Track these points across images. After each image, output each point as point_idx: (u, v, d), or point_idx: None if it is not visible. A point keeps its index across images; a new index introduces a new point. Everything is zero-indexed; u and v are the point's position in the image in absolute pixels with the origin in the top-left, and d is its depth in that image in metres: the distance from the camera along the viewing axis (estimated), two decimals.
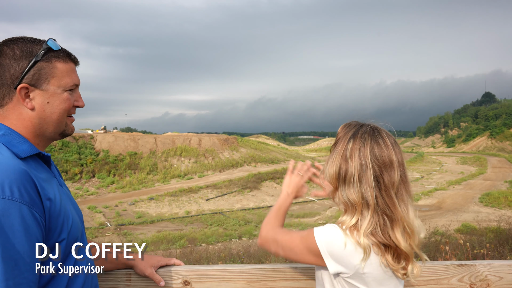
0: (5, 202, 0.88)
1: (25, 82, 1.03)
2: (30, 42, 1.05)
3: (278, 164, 41.49)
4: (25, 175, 0.94)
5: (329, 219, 22.91)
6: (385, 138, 1.06)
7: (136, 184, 32.64)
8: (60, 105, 1.08)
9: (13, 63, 1.02)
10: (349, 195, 1.05)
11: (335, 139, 1.18)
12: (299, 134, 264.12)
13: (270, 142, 74.93)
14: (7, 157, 0.96)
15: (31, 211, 0.92)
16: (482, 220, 20.64)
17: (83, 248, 1.09)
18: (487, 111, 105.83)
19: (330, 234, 1.06)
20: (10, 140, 1.02)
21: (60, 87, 1.08)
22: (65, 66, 1.09)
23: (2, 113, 1.05)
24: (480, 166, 55.12)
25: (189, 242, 16.35)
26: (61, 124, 1.10)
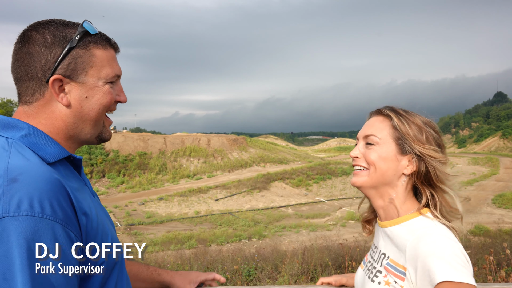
0: (34, 221, 0.69)
1: (59, 73, 0.85)
2: (63, 26, 0.86)
3: (287, 164, 41.32)
4: (58, 186, 0.76)
5: (339, 220, 22.68)
6: None
7: (146, 184, 32.76)
8: (100, 99, 0.90)
9: (44, 51, 0.84)
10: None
11: (344, 139, 1.11)
12: (308, 134, 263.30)
13: (278, 142, 74.77)
14: (35, 163, 0.78)
15: (65, 231, 0.74)
16: (495, 222, 20.27)
17: (123, 269, 0.92)
18: (499, 111, 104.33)
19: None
20: (35, 142, 0.83)
21: (101, 79, 0.89)
22: (105, 53, 0.90)
23: (29, 111, 0.87)
24: (492, 166, 54.27)
25: (199, 243, 16.31)
26: (99, 123, 0.93)
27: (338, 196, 30.49)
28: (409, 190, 1.04)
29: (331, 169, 37.69)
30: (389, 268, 1.00)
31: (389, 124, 1.05)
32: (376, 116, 1.10)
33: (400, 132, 1.03)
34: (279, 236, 18.04)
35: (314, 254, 6.13)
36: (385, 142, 1.03)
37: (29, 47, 0.85)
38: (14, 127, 0.84)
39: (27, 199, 0.70)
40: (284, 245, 12.80)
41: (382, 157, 1.02)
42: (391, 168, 1.02)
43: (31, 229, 0.69)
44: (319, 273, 5.70)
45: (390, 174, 1.02)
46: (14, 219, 0.68)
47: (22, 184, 0.72)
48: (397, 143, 1.02)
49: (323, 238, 10.97)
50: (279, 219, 23.10)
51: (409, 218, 1.01)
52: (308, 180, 34.12)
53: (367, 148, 1.06)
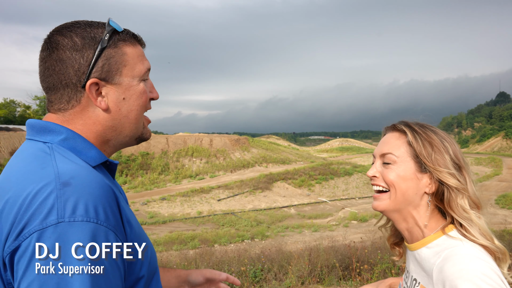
0: (90, 227, 0.67)
1: (94, 77, 0.81)
2: (89, 26, 0.82)
3: (289, 164, 41.29)
4: (110, 192, 0.73)
5: (342, 220, 22.65)
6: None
7: (148, 184, 32.79)
8: (138, 100, 0.87)
9: (76, 55, 0.80)
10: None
11: (346, 139, 1.06)
12: (310, 134, 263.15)
13: (280, 143, 74.71)
14: (84, 166, 0.75)
15: (116, 239, 0.71)
16: (499, 222, 20.20)
17: (159, 281, 0.88)
18: (502, 111, 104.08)
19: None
20: (75, 146, 0.80)
21: (135, 77, 0.86)
22: (135, 50, 0.87)
23: (63, 117, 0.83)
24: (495, 167, 54.12)
25: (201, 243, 16.31)
26: (139, 124, 0.90)
27: (341, 196, 30.45)
28: (433, 208, 0.99)
29: (334, 169, 37.63)
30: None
31: (405, 141, 1.00)
32: (391, 132, 1.05)
33: (415, 150, 0.98)
34: (282, 237, 18.02)
35: (320, 255, 6.11)
36: (403, 160, 0.98)
37: (58, 53, 0.80)
38: (51, 131, 0.80)
39: (82, 203, 0.68)
40: (288, 245, 12.78)
41: (401, 176, 0.97)
42: (412, 187, 0.97)
43: (90, 234, 0.67)
44: (326, 274, 5.67)
45: (411, 194, 0.97)
46: (70, 224, 0.65)
47: (75, 188, 0.69)
48: (416, 160, 0.97)
49: (328, 239, 10.95)
50: (282, 219, 23.08)
51: (434, 238, 0.96)
52: (311, 180, 34.08)
53: (384, 167, 1.01)
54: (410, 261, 1.03)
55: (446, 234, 0.94)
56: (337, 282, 5.46)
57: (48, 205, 0.66)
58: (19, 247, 0.65)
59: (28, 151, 0.79)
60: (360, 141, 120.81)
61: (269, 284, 5.42)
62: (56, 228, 0.65)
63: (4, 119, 55.01)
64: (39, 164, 0.73)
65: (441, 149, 0.96)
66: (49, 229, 0.65)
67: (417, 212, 0.98)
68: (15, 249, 0.66)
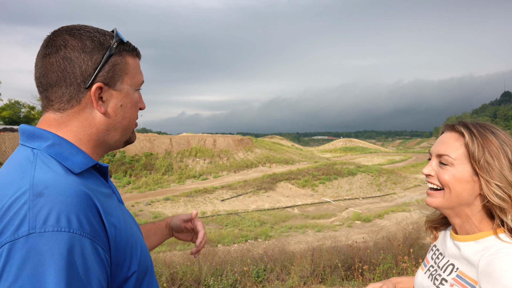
0: (61, 236, 0.67)
1: (99, 81, 0.84)
2: (97, 32, 0.87)
3: (293, 164, 41.26)
4: (86, 199, 0.74)
5: (346, 220, 22.61)
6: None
7: (152, 184, 32.88)
8: (132, 108, 0.91)
9: (85, 56, 0.83)
10: None
11: (349, 139, 1.08)
12: (313, 134, 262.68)
13: (284, 143, 74.64)
14: (61, 175, 0.76)
15: (93, 246, 0.72)
16: None
17: (153, 277, 0.92)
18: (507, 111, 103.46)
19: None
20: (61, 152, 0.81)
21: (133, 86, 0.91)
22: (135, 61, 0.93)
23: (61, 118, 0.85)
24: None
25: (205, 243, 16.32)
26: (129, 130, 0.94)
27: (344, 197, 30.39)
28: (487, 209, 1.01)
29: (337, 170, 37.56)
30: (458, 279, 0.99)
31: (463, 143, 1.01)
32: (450, 132, 1.06)
33: (472, 154, 0.98)
34: (285, 237, 18.02)
35: (323, 255, 6.11)
36: (459, 163, 1.00)
37: (66, 52, 0.82)
38: (39, 137, 0.82)
39: (54, 213, 0.68)
40: (291, 245, 12.77)
41: (456, 178, 0.99)
42: (466, 190, 0.99)
43: (62, 244, 0.67)
44: (328, 274, 5.68)
45: (466, 195, 0.99)
46: (41, 235, 0.66)
47: (48, 198, 0.70)
48: (474, 165, 0.98)
49: (331, 239, 10.94)
50: (285, 220, 23.07)
51: (485, 236, 0.99)
52: (314, 181, 34.04)
53: (440, 168, 1.03)
54: (449, 247, 1.07)
55: (496, 235, 0.96)
56: (339, 282, 5.46)
57: (20, 216, 0.67)
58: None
59: (17, 158, 0.81)
60: (364, 141, 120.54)
61: (272, 284, 5.43)
62: (28, 239, 0.66)
63: (9, 119, 55.35)
64: (19, 173, 0.75)
65: (500, 153, 0.96)
66: (20, 240, 0.65)
67: (471, 211, 1.01)
68: None
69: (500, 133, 1.00)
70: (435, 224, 1.17)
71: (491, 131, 1.00)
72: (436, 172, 1.04)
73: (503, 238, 0.95)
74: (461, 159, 1.00)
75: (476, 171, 0.98)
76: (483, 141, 0.98)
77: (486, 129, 1.01)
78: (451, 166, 1.01)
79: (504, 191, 0.95)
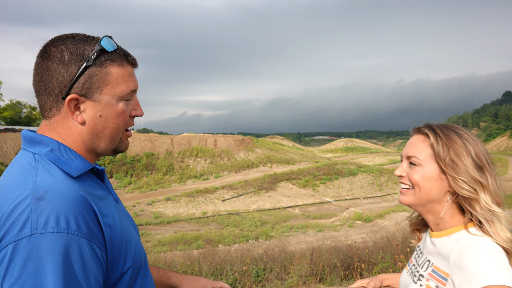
0: (60, 237, 0.73)
1: (74, 92, 0.86)
2: (82, 42, 0.87)
3: (293, 164, 41.27)
4: (83, 202, 0.79)
5: (346, 220, 22.62)
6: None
7: (153, 184, 32.92)
8: (114, 118, 0.91)
9: (61, 68, 0.85)
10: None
11: (351, 139, 1.14)
12: (314, 134, 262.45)
13: (285, 143, 74.64)
14: (60, 179, 0.81)
15: (90, 245, 0.77)
16: None
17: (147, 272, 0.96)
18: (508, 111, 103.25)
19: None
20: (60, 157, 0.86)
21: (114, 97, 0.90)
22: (121, 70, 0.90)
23: (49, 125, 0.89)
24: (501, 167, 53.71)
25: (206, 243, 16.37)
26: (114, 140, 0.94)
27: (345, 197, 30.38)
28: (458, 206, 1.07)
29: (338, 170, 37.56)
30: (433, 274, 1.05)
31: (429, 144, 1.07)
32: (417, 134, 1.13)
33: (437, 154, 1.05)
34: (286, 237, 18.04)
35: (322, 255, 6.14)
36: (426, 163, 1.06)
37: (47, 63, 0.86)
38: (40, 143, 0.88)
39: (53, 216, 0.74)
40: (292, 245, 12.80)
41: (425, 177, 1.06)
42: (435, 188, 1.05)
43: (61, 244, 0.73)
44: (328, 274, 5.71)
45: (435, 193, 1.06)
46: (42, 236, 0.72)
47: (48, 202, 0.75)
48: (440, 164, 1.05)
49: (330, 239, 10.96)
50: (286, 220, 23.09)
51: (456, 230, 1.05)
52: (315, 181, 34.04)
53: (410, 168, 1.10)
54: (427, 245, 1.13)
55: (467, 229, 1.03)
56: (338, 282, 5.49)
57: (23, 219, 0.73)
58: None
59: (19, 163, 0.86)
60: (365, 141, 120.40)
61: (271, 283, 5.47)
62: (30, 240, 0.71)
63: (10, 120, 55.44)
64: (22, 178, 0.80)
65: (463, 152, 1.03)
66: (23, 241, 0.71)
67: (441, 207, 1.07)
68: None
69: (464, 133, 1.06)
70: (417, 226, 1.23)
71: (455, 132, 1.06)
72: (407, 173, 1.11)
73: (473, 231, 1.01)
74: (428, 159, 1.06)
75: (443, 169, 1.04)
76: (447, 141, 1.04)
77: (450, 130, 1.07)
78: (420, 166, 1.07)
79: (469, 185, 1.01)
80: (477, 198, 1.01)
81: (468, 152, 1.03)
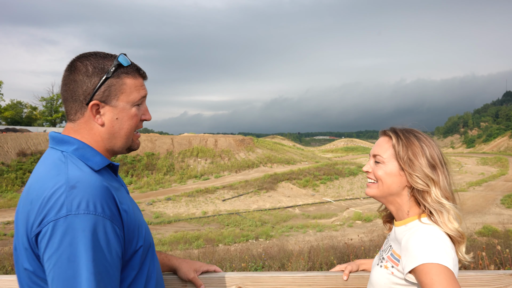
0: (90, 218, 0.90)
1: (96, 99, 1.05)
2: (102, 58, 1.07)
3: (294, 164, 41.34)
4: (106, 191, 0.97)
5: (346, 220, 22.69)
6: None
7: (154, 184, 32.99)
8: (128, 121, 1.10)
9: (86, 79, 1.04)
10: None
11: (351, 139, 1.27)
12: (315, 134, 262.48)
13: (285, 143, 74.73)
14: (87, 172, 0.99)
15: (112, 226, 0.95)
16: (504, 222, 20.12)
17: (154, 252, 1.14)
18: (509, 111, 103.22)
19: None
20: (84, 154, 1.04)
21: (129, 103, 1.09)
22: (134, 81, 1.10)
23: (74, 127, 1.08)
24: (501, 167, 53.75)
25: (206, 242, 16.44)
26: (128, 139, 1.12)
27: (345, 197, 30.44)
28: (415, 199, 1.23)
29: (338, 170, 37.63)
30: (391, 256, 1.24)
31: (391, 145, 1.25)
32: (383, 136, 1.31)
33: (397, 153, 1.23)
34: (286, 236, 18.09)
35: (320, 253, 6.21)
36: (389, 161, 1.24)
37: (74, 75, 1.05)
38: (66, 142, 1.06)
39: (84, 201, 0.92)
40: (291, 244, 12.87)
41: (387, 173, 1.23)
42: (395, 182, 1.23)
43: (90, 223, 0.90)
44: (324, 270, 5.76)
45: (395, 187, 1.23)
46: (75, 216, 0.90)
47: (79, 190, 0.93)
48: (399, 162, 1.22)
49: (329, 238, 11.03)
50: (286, 220, 23.15)
51: (411, 220, 1.22)
52: (315, 181, 34.11)
53: (376, 165, 1.27)
54: (391, 233, 1.32)
55: (419, 219, 1.20)
56: None
57: (60, 203, 0.91)
58: (41, 232, 0.91)
59: (50, 158, 1.04)
60: (366, 141, 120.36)
61: None
62: (66, 219, 0.89)
63: (11, 120, 55.56)
64: (55, 171, 0.98)
65: (419, 152, 1.20)
66: (61, 220, 0.90)
67: (401, 200, 1.25)
68: (38, 233, 0.92)
69: (422, 137, 1.24)
70: (387, 218, 1.40)
71: (414, 135, 1.24)
72: (372, 169, 1.28)
73: (424, 221, 1.19)
74: (390, 157, 1.24)
75: (402, 166, 1.21)
76: (407, 143, 1.22)
77: (410, 134, 1.25)
78: (383, 164, 1.25)
79: (423, 181, 1.18)
80: (429, 191, 1.17)
81: (424, 153, 1.20)
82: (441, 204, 1.16)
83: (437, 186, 1.17)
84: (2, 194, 27.12)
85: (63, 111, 28.73)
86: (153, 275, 1.12)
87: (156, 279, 1.13)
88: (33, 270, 0.95)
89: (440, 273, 1.02)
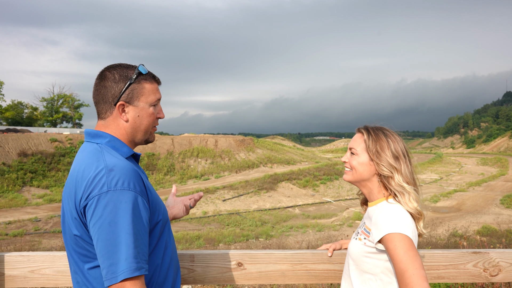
0: (126, 192, 1.16)
1: (122, 100, 1.31)
2: (126, 68, 1.34)
3: (294, 165, 41.53)
4: (136, 173, 1.23)
5: (346, 220, 22.88)
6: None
7: (154, 184, 33.13)
8: (147, 117, 1.36)
9: (114, 85, 1.31)
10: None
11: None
12: (315, 135, 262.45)
13: (285, 143, 74.85)
14: (120, 159, 1.25)
15: (142, 200, 1.20)
16: (503, 222, 20.29)
17: (170, 227, 1.40)
18: (509, 111, 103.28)
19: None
20: (115, 145, 1.31)
21: (147, 103, 1.35)
22: (151, 86, 1.36)
23: (104, 123, 1.34)
24: (501, 167, 53.90)
25: (207, 242, 16.62)
26: (147, 133, 1.39)
27: (345, 197, 30.63)
28: (383, 184, 1.50)
29: (338, 170, 37.82)
30: (364, 231, 1.50)
31: (364, 140, 1.51)
32: (358, 133, 1.57)
33: (368, 146, 1.50)
34: (286, 236, 18.25)
35: None
36: (361, 153, 1.51)
37: (104, 82, 1.33)
38: (100, 136, 1.32)
39: (121, 180, 1.17)
40: (291, 244, 13.05)
41: (359, 163, 1.50)
42: (366, 170, 1.50)
43: (127, 196, 1.15)
44: None
45: (366, 174, 1.50)
46: (114, 191, 1.15)
47: (116, 172, 1.18)
48: (369, 154, 1.49)
49: (328, 237, 11.21)
50: (286, 219, 23.33)
51: (380, 201, 1.49)
52: (315, 181, 34.30)
53: (351, 156, 1.54)
54: (366, 213, 1.57)
55: (387, 200, 1.46)
56: None
57: (102, 182, 1.16)
58: (87, 204, 1.16)
59: (87, 149, 1.29)
60: None
61: None
62: (107, 194, 1.14)
63: (12, 120, 55.70)
64: (95, 158, 1.24)
65: (385, 146, 1.47)
66: (103, 194, 1.14)
67: (371, 184, 1.51)
68: (85, 205, 1.17)
69: (389, 133, 1.51)
70: (363, 201, 1.66)
71: (383, 132, 1.51)
72: (348, 159, 1.56)
73: (390, 201, 1.44)
74: (362, 150, 1.51)
75: (371, 157, 1.48)
76: (376, 138, 1.49)
77: (380, 131, 1.52)
78: (357, 155, 1.52)
79: (388, 169, 1.45)
80: (393, 177, 1.44)
81: (389, 147, 1.47)
82: (403, 187, 1.42)
83: (399, 173, 1.43)
84: (3, 194, 27.25)
85: (63, 111, 29.19)
86: (169, 245, 1.36)
87: (172, 249, 1.38)
88: (80, 234, 1.20)
89: (401, 240, 1.28)
